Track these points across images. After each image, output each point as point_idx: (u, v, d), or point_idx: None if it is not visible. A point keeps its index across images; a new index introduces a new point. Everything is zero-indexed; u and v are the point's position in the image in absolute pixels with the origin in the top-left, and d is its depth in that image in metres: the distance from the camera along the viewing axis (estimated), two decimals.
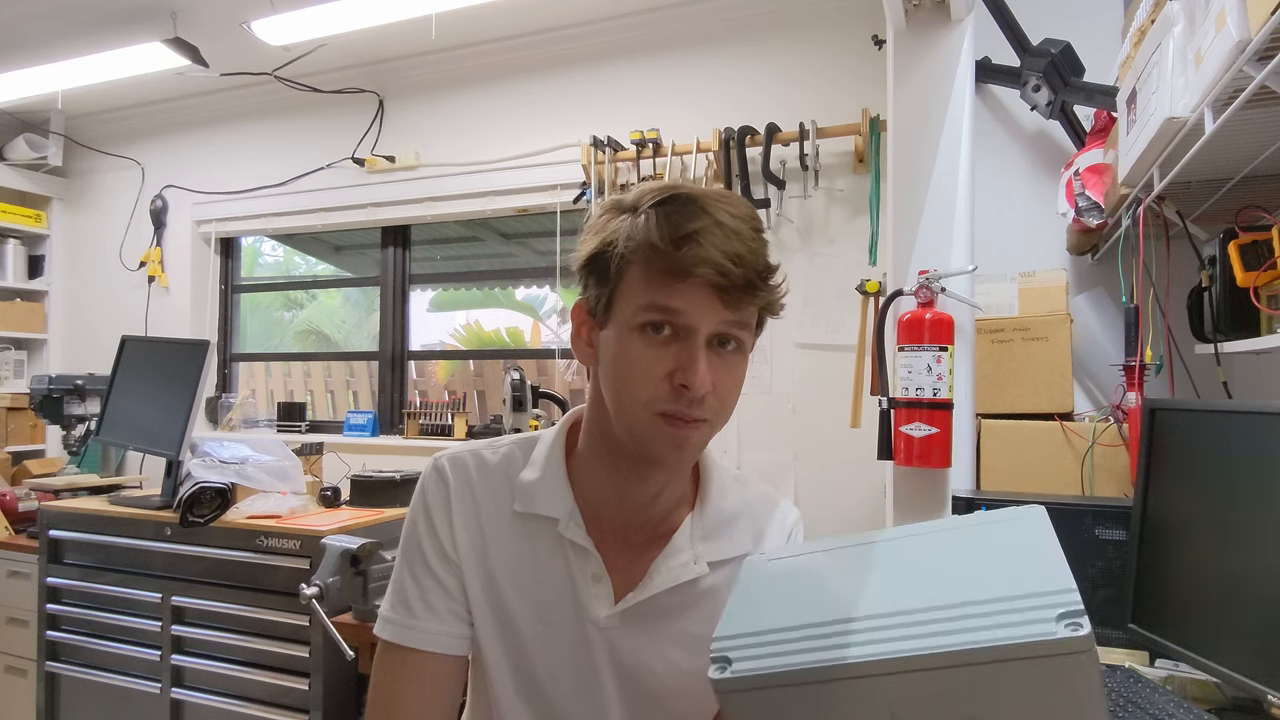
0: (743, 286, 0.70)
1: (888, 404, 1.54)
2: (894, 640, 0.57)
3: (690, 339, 0.71)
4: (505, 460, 0.85)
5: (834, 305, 2.36)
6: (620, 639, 0.80)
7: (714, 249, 0.68)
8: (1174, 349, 1.68)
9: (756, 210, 0.76)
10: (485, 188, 2.87)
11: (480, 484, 0.83)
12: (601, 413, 0.78)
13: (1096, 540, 1.31)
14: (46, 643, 2.47)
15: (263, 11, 2.51)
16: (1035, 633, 0.53)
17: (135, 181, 3.53)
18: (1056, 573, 0.57)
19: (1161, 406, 1.22)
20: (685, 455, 0.74)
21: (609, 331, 0.75)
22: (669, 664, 0.82)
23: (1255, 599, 0.99)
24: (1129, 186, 1.46)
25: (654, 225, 0.71)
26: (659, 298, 0.70)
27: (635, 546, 0.82)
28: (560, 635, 0.80)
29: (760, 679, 0.60)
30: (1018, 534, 0.63)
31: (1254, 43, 0.91)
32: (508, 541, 0.82)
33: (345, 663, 1.98)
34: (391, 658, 0.80)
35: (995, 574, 0.59)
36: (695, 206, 0.71)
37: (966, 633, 0.55)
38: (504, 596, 0.81)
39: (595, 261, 0.75)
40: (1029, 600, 0.55)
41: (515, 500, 0.82)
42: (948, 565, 0.63)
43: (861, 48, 2.33)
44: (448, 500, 0.82)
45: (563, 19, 2.68)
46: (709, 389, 0.70)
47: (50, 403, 3.08)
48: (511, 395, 2.34)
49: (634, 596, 0.80)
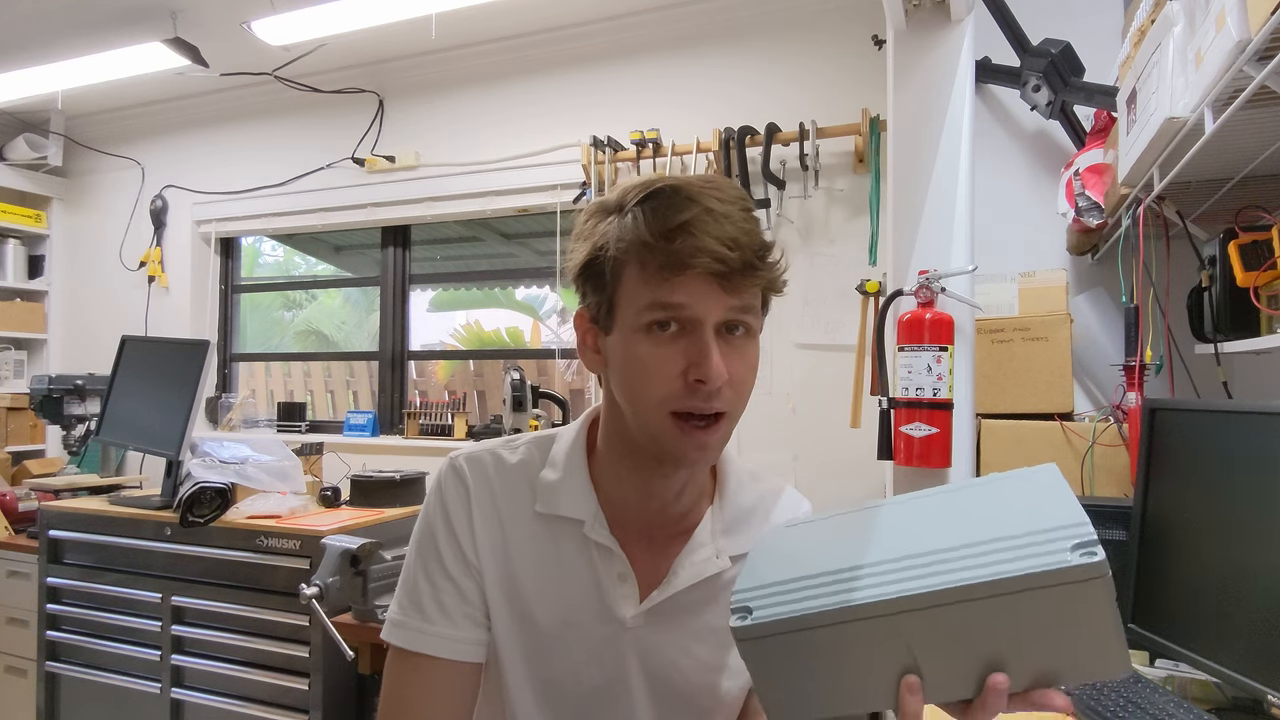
0: (742, 270, 0.68)
1: (888, 404, 1.54)
2: (911, 579, 0.57)
3: (698, 332, 0.69)
4: (524, 460, 0.83)
5: (834, 305, 2.36)
6: (647, 637, 0.80)
7: (707, 236, 0.67)
8: (1174, 349, 1.68)
9: (745, 193, 0.75)
10: (485, 188, 2.87)
11: (500, 484, 0.81)
12: (618, 417, 0.77)
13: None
14: (46, 643, 2.47)
15: (263, 11, 2.51)
16: (1050, 562, 0.53)
17: (135, 181, 3.53)
18: (1069, 509, 0.57)
19: (1161, 406, 1.22)
20: (708, 454, 0.73)
21: (615, 337, 0.73)
22: (694, 659, 0.81)
23: (1255, 599, 0.99)
24: (1129, 186, 1.46)
25: (643, 222, 0.70)
26: (660, 294, 0.69)
27: (658, 544, 0.82)
28: (585, 637, 0.79)
29: (780, 624, 0.61)
30: (1031, 486, 0.63)
31: (1254, 43, 0.90)
32: (529, 543, 0.80)
33: (345, 663, 1.98)
34: (403, 663, 0.78)
35: (1009, 515, 0.59)
36: (681, 197, 0.69)
37: (981, 567, 0.55)
38: (526, 599, 0.79)
39: (589, 268, 0.74)
40: (1042, 535, 0.55)
41: (537, 501, 0.80)
42: (962, 513, 0.63)
43: (861, 48, 2.33)
44: (468, 501, 0.80)
45: (563, 19, 2.68)
46: (725, 379, 0.69)
47: (50, 403, 3.08)
48: (511, 395, 2.34)
49: (659, 594, 0.79)
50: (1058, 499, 0.58)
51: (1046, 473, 0.63)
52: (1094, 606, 0.54)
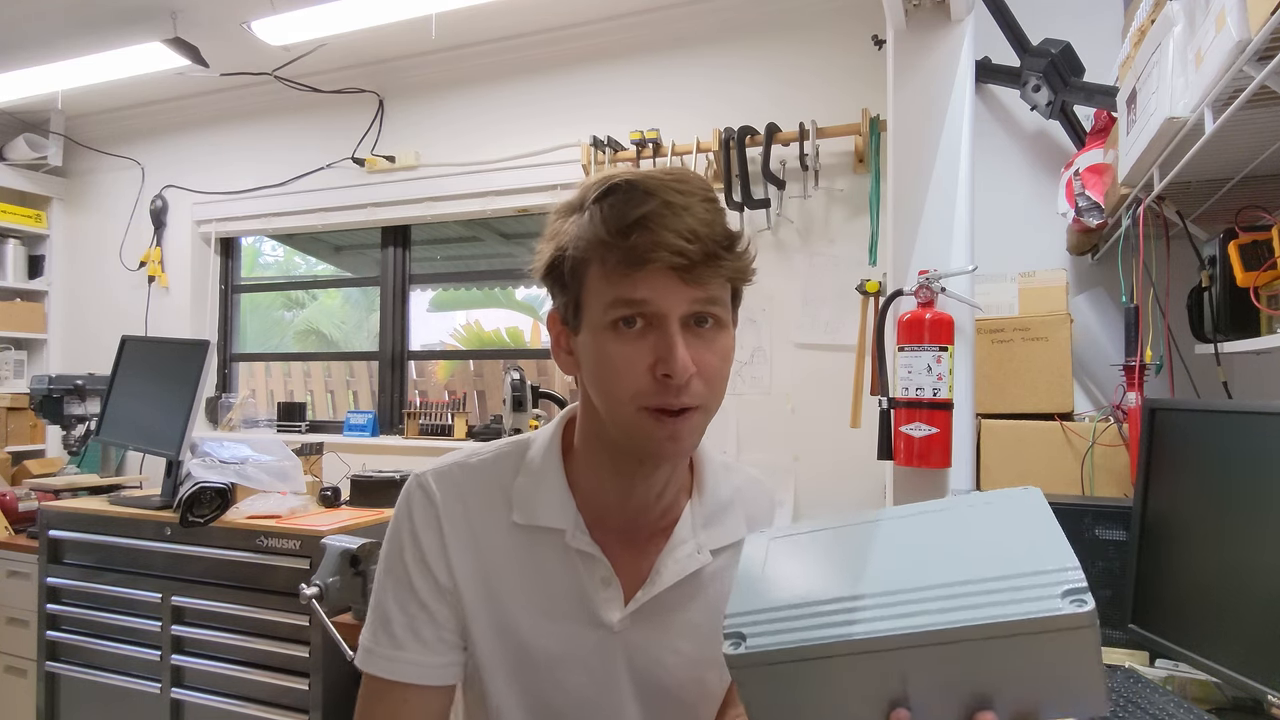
0: (704, 261, 0.67)
1: (888, 404, 1.54)
2: (906, 616, 0.58)
3: (663, 326, 0.68)
4: (496, 469, 0.81)
5: (834, 305, 2.36)
6: (633, 639, 0.79)
7: (665, 230, 0.66)
8: (1174, 349, 1.68)
9: (709, 184, 0.73)
10: (485, 188, 2.87)
11: (472, 498, 0.79)
12: (594, 418, 0.76)
13: (1096, 540, 1.31)
14: (46, 643, 2.47)
15: (263, 11, 2.51)
16: (1042, 609, 0.55)
17: (135, 181, 3.53)
18: (1059, 551, 0.59)
19: (1161, 406, 1.22)
20: (683, 446, 0.72)
21: (584, 336, 0.73)
22: (680, 656, 0.81)
23: (1255, 599, 0.99)
24: (1129, 186, 1.46)
25: (600, 220, 0.69)
26: (622, 291, 0.68)
27: (638, 543, 0.81)
28: (573, 646, 0.78)
29: (774, 654, 0.61)
30: (1017, 514, 0.65)
31: (1254, 43, 0.91)
32: (508, 555, 0.78)
33: (345, 663, 1.98)
34: (377, 690, 0.77)
35: (1000, 552, 0.61)
36: (639, 191, 0.68)
37: (976, 609, 0.56)
38: (509, 615, 0.78)
39: (553, 269, 0.74)
40: (1035, 578, 0.57)
41: (514, 511, 0.78)
42: (952, 543, 0.64)
43: (861, 48, 2.33)
44: (437, 522, 0.78)
45: (563, 19, 2.67)
46: (692, 372, 0.68)
47: (50, 403, 3.08)
48: (511, 395, 2.34)
49: (644, 595, 0.79)
50: (1049, 536, 0.61)
51: (1032, 498, 0.66)
52: (1081, 651, 0.56)
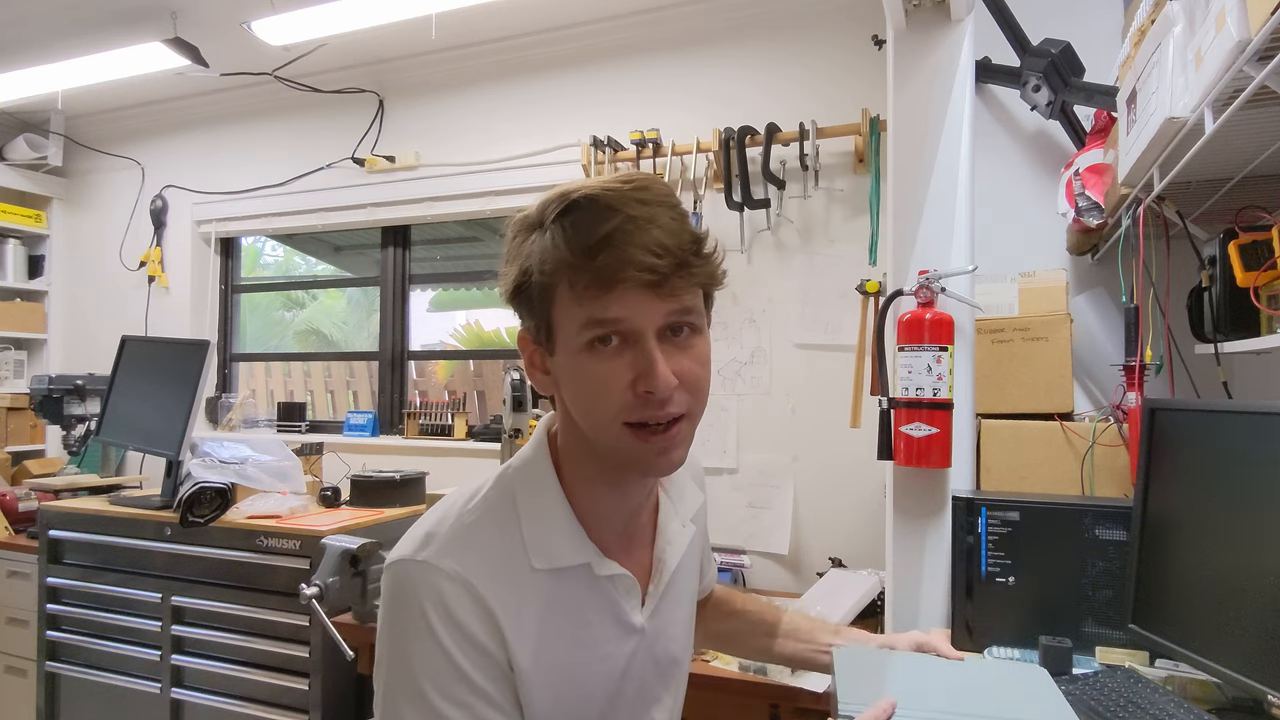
0: (676, 273, 0.66)
1: (888, 404, 1.54)
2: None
3: (640, 342, 0.67)
4: (493, 520, 0.75)
5: (834, 305, 2.36)
6: (652, 629, 0.82)
7: (632, 247, 0.65)
8: (1174, 349, 1.67)
9: (670, 188, 0.72)
10: (485, 188, 2.87)
11: (494, 560, 0.73)
12: (580, 434, 0.74)
13: (1096, 540, 1.31)
14: (46, 643, 2.47)
15: (263, 11, 2.51)
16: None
17: (135, 181, 3.53)
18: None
19: (1161, 406, 1.22)
20: (676, 458, 0.72)
21: (559, 357, 0.72)
22: (679, 624, 0.86)
23: (1255, 599, 0.99)
24: (1129, 186, 1.46)
25: (563, 240, 0.67)
26: (594, 311, 0.66)
27: (636, 539, 0.83)
28: (613, 659, 0.79)
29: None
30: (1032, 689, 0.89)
31: (1254, 43, 0.90)
32: (542, 602, 0.74)
33: (345, 663, 1.98)
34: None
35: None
36: (600, 206, 0.66)
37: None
38: (561, 658, 0.74)
39: (519, 293, 0.72)
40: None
41: (532, 557, 0.74)
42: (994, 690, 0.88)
43: (861, 48, 2.33)
44: (474, 596, 0.70)
45: (563, 19, 2.67)
46: (674, 385, 0.68)
47: (50, 403, 3.08)
48: (511, 395, 2.34)
49: (655, 587, 0.82)
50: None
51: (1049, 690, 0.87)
52: None
